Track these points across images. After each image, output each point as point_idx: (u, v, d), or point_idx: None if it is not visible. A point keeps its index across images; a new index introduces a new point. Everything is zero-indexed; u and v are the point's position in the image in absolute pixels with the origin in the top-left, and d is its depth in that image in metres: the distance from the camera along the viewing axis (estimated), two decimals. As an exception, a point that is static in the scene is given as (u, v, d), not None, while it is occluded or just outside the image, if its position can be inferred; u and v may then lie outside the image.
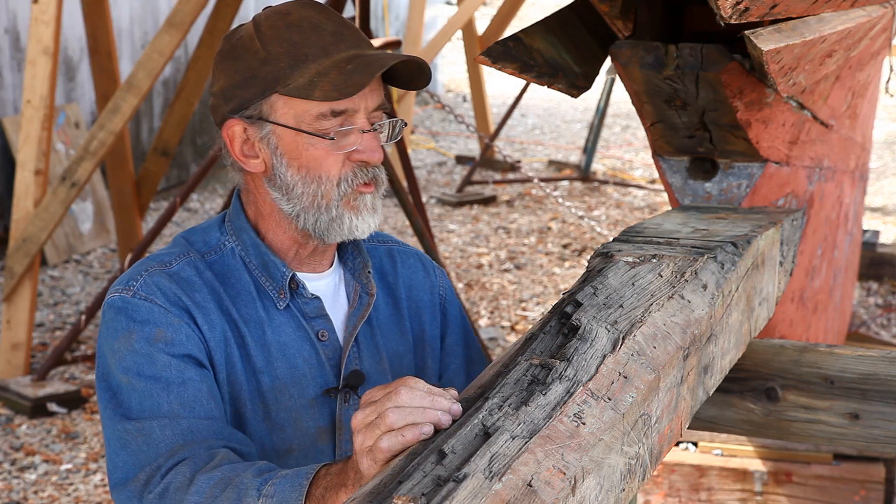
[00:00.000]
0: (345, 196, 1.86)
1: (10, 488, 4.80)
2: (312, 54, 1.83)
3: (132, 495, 1.75)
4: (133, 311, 1.82)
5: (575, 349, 1.59)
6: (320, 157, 1.85)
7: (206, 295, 1.87)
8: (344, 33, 1.86)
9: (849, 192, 3.55)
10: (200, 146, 9.84)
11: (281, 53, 1.84)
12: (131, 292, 1.84)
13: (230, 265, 1.92)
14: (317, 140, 1.84)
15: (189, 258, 1.91)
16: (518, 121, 13.05)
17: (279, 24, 1.86)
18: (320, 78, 1.81)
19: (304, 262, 1.95)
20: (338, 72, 1.81)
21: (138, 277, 1.86)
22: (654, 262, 1.92)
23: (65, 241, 7.67)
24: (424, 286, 2.08)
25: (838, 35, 2.51)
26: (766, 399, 2.28)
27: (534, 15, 15.55)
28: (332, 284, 1.98)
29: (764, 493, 3.98)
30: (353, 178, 1.86)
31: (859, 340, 5.65)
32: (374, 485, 1.39)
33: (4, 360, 5.69)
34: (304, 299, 1.92)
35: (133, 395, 1.79)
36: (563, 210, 9.00)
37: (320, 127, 1.84)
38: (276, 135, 1.86)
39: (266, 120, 1.85)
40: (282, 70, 1.83)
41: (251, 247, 1.92)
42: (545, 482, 1.36)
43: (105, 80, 6.29)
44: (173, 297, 1.84)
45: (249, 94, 1.86)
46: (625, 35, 2.57)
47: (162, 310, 1.82)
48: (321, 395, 1.90)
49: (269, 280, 1.91)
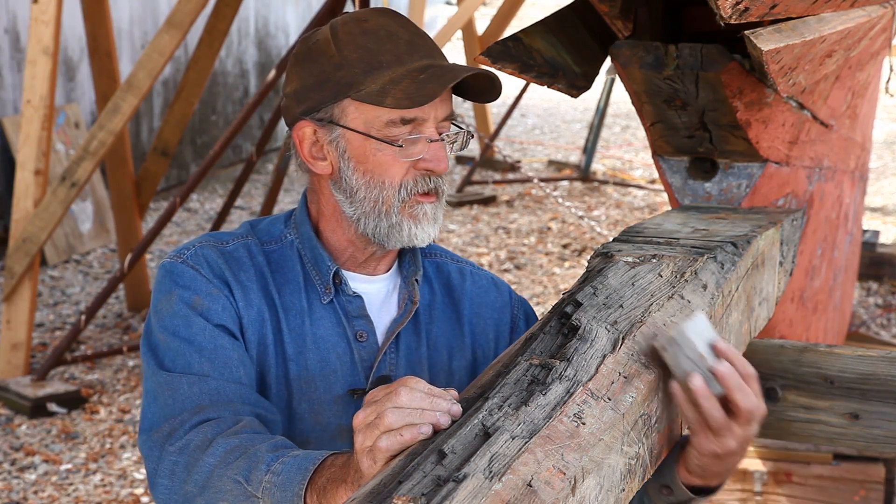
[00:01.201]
0: (404, 203, 1.89)
1: (10, 488, 4.80)
2: (387, 62, 1.86)
3: (154, 445, 1.82)
4: (178, 276, 1.90)
5: (575, 349, 1.59)
6: (386, 163, 1.87)
7: (252, 276, 1.93)
8: (418, 43, 1.89)
9: (849, 192, 3.55)
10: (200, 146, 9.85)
11: (356, 59, 1.87)
12: (181, 259, 1.92)
13: (287, 256, 1.97)
14: (385, 146, 1.86)
15: (246, 241, 1.97)
16: (518, 121, 13.05)
17: (356, 30, 1.89)
18: (393, 85, 1.84)
19: (359, 265, 1.97)
20: (410, 80, 1.84)
21: (191, 247, 1.94)
22: (654, 262, 1.92)
23: (65, 241, 7.67)
24: (494, 305, 2.07)
25: (838, 35, 2.51)
26: (766, 399, 2.27)
27: (534, 15, 15.55)
28: (384, 289, 2.00)
29: (764, 492, 3.98)
30: (413, 186, 1.89)
31: (859, 340, 5.65)
32: (373, 485, 1.39)
33: (4, 360, 5.69)
34: (347, 297, 1.94)
35: (168, 352, 1.87)
36: (563, 210, 9.00)
37: (389, 133, 1.86)
38: (345, 139, 1.89)
39: (336, 123, 1.89)
40: (356, 76, 1.86)
41: (307, 240, 1.97)
42: (545, 482, 1.36)
43: (105, 80, 6.29)
44: (218, 270, 1.91)
45: (322, 97, 1.89)
46: (625, 35, 2.57)
47: (204, 280, 1.90)
48: (346, 394, 1.91)
49: (317, 274, 1.95)
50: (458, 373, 2.00)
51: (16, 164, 6.02)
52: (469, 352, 2.03)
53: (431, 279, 2.05)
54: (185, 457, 1.76)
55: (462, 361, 2.01)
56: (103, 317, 6.61)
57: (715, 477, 1.76)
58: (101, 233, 8.03)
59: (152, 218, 8.31)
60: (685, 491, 1.78)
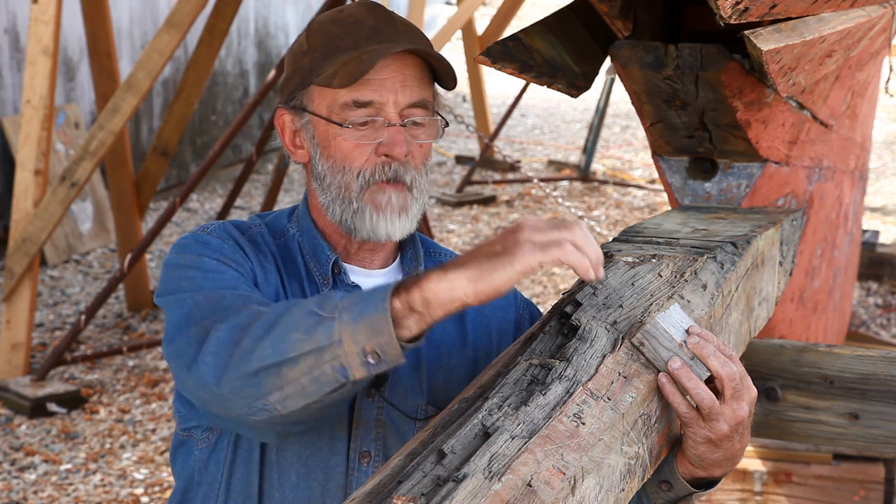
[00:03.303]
0: (365, 189, 1.88)
1: (10, 488, 4.80)
2: (344, 46, 1.88)
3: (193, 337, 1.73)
4: (204, 244, 1.88)
5: (575, 349, 1.59)
6: (346, 148, 1.88)
7: (270, 259, 1.94)
8: (382, 29, 1.90)
9: (848, 192, 3.55)
10: (200, 146, 9.84)
11: (318, 46, 1.90)
12: (205, 231, 1.91)
13: (290, 250, 1.97)
14: (343, 130, 1.87)
15: (261, 230, 1.98)
16: (518, 121, 13.05)
17: (327, 20, 1.93)
18: (342, 67, 1.86)
19: (353, 257, 1.97)
20: (356, 61, 1.85)
21: (213, 224, 1.94)
22: (653, 262, 1.92)
23: (64, 241, 7.67)
24: (497, 305, 2.05)
25: (838, 35, 2.51)
26: (766, 399, 2.28)
27: (534, 15, 15.55)
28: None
29: (764, 492, 3.98)
30: (373, 171, 1.88)
31: (859, 340, 5.65)
32: (373, 484, 1.40)
33: (4, 360, 5.69)
34: (346, 287, 1.94)
35: (182, 281, 1.82)
36: (563, 210, 9.00)
37: (346, 117, 1.87)
38: (312, 124, 1.92)
39: (305, 109, 1.92)
40: (316, 61, 1.89)
41: (306, 232, 1.97)
42: (545, 482, 1.36)
43: (105, 80, 6.29)
44: (243, 241, 1.92)
45: (293, 84, 1.93)
46: (624, 35, 2.57)
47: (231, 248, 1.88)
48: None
49: (316, 265, 1.95)
50: (457, 371, 1.99)
51: (16, 164, 6.02)
52: (470, 350, 2.02)
53: None
54: (245, 318, 1.68)
55: (462, 360, 2.00)
56: (103, 317, 6.61)
57: (715, 466, 1.75)
58: (100, 233, 8.03)
59: (152, 218, 8.31)
60: (685, 485, 1.78)
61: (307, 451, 1.88)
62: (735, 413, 1.68)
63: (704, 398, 1.65)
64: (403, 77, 1.88)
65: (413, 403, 1.92)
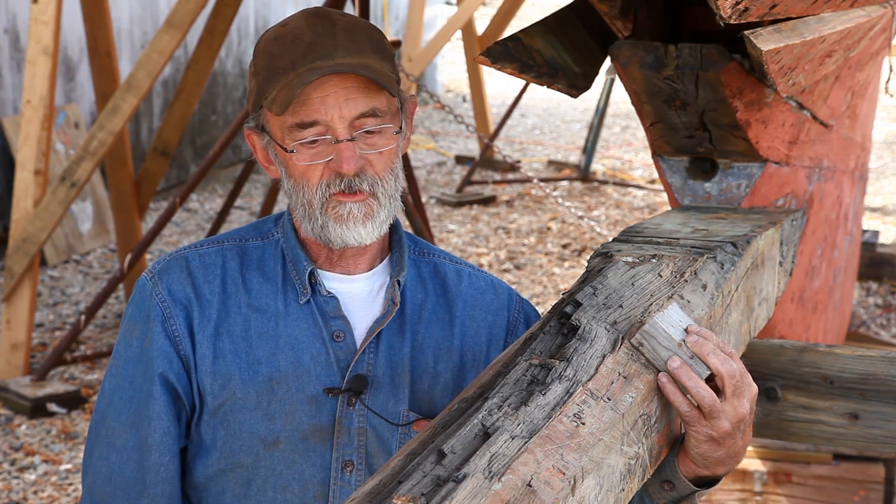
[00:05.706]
0: (325, 203, 1.88)
1: (10, 488, 4.81)
2: (282, 67, 1.86)
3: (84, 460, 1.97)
4: (139, 301, 1.95)
5: (574, 349, 1.59)
6: (302, 168, 1.88)
7: (216, 286, 1.94)
8: (318, 44, 1.86)
9: (848, 192, 3.55)
10: (200, 146, 9.84)
11: (262, 67, 1.89)
12: (150, 274, 1.96)
13: (269, 254, 1.98)
14: (293, 154, 1.87)
15: (221, 246, 1.98)
16: (518, 121, 13.06)
17: (271, 37, 1.90)
18: (280, 92, 1.84)
19: (336, 264, 1.97)
20: (287, 87, 1.83)
21: (163, 261, 1.97)
22: (653, 262, 1.92)
23: (64, 241, 7.67)
24: (489, 307, 2.04)
25: (838, 35, 2.51)
26: (766, 399, 2.28)
27: (534, 15, 15.56)
28: (366, 288, 1.98)
29: (763, 493, 3.98)
30: (327, 186, 1.88)
31: (859, 340, 5.65)
32: (373, 484, 1.39)
33: (4, 360, 5.69)
34: (323, 297, 1.94)
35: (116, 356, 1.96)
36: (563, 210, 9.00)
37: (295, 138, 1.87)
38: (272, 145, 1.92)
39: (264, 130, 1.92)
40: (261, 84, 1.89)
41: (289, 239, 1.98)
42: (545, 482, 1.36)
43: (105, 80, 6.29)
44: (179, 289, 1.93)
45: (251, 104, 1.93)
46: (624, 35, 2.57)
47: (158, 307, 1.93)
48: (322, 394, 1.91)
49: (297, 273, 1.95)
50: (443, 375, 1.98)
51: (16, 164, 6.02)
52: (457, 354, 2.00)
53: (426, 280, 2.03)
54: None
55: (448, 363, 1.99)
56: (103, 317, 6.61)
57: (718, 464, 1.76)
58: (100, 233, 8.03)
59: (152, 218, 8.31)
60: (687, 483, 1.78)
61: (281, 465, 1.90)
62: (736, 410, 1.68)
63: (705, 396, 1.65)
64: (346, 90, 1.84)
65: (395, 410, 1.93)
